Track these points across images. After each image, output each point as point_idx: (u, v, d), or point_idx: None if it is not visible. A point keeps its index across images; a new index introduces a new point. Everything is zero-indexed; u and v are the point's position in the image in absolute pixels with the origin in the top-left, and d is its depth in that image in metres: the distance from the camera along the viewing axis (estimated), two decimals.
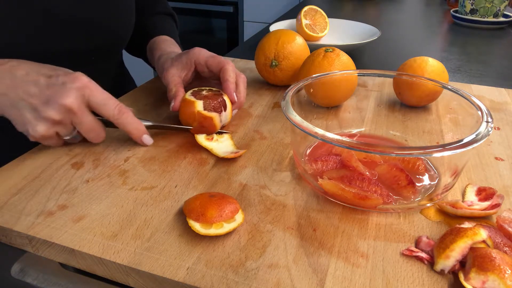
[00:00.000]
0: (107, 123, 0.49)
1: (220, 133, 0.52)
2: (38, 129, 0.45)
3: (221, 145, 0.49)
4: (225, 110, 0.52)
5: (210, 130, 0.51)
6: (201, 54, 0.58)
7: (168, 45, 0.69)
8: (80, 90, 0.45)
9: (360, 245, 0.36)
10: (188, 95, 0.53)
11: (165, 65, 0.60)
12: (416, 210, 0.40)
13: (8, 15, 0.52)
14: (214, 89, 0.55)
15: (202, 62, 0.58)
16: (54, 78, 0.45)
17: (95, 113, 0.47)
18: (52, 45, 0.57)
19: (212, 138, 0.47)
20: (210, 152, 0.49)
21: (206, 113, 0.50)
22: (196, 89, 0.55)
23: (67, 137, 0.48)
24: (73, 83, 0.44)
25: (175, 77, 0.57)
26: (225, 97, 0.53)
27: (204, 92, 0.53)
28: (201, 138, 0.46)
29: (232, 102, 0.54)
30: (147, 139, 0.50)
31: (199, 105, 0.51)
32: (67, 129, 0.47)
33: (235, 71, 0.57)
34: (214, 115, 0.51)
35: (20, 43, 0.54)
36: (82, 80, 0.45)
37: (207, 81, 0.62)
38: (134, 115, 0.49)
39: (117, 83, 0.78)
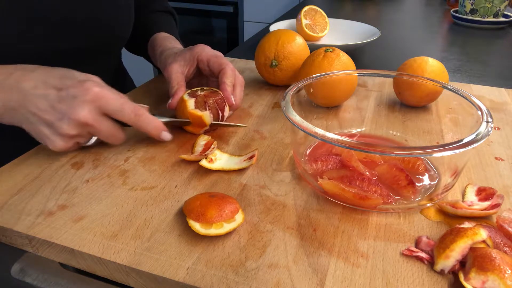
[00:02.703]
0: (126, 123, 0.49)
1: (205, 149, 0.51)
2: (57, 145, 0.45)
3: (223, 161, 0.48)
4: (221, 110, 0.53)
5: (202, 127, 0.53)
6: (205, 52, 0.58)
7: (169, 41, 0.69)
8: (93, 103, 0.44)
9: (360, 245, 0.36)
10: (185, 95, 0.53)
11: (168, 60, 0.60)
12: (416, 210, 0.40)
13: (7, 15, 0.52)
14: (213, 88, 0.55)
15: (205, 60, 0.58)
16: (64, 92, 0.44)
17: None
18: (52, 44, 0.57)
19: (211, 160, 0.47)
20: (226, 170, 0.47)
21: (196, 111, 0.51)
22: (194, 89, 0.55)
23: (87, 144, 0.49)
24: (84, 95, 0.43)
25: (178, 74, 0.57)
26: (221, 97, 0.54)
27: (200, 92, 0.54)
28: (206, 163, 0.45)
29: (229, 105, 0.55)
30: (165, 135, 0.50)
31: (190, 104, 0.52)
32: (85, 138, 0.47)
33: (234, 73, 0.57)
34: (203, 113, 0.51)
35: (20, 43, 0.54)
36: (93, 91, 0.44)
37: (206, 78, 0.62)
38: (150, 113, 0.49)
39: (117, 83, 0.78)
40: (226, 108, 0.54)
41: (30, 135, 0.46)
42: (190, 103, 0.52)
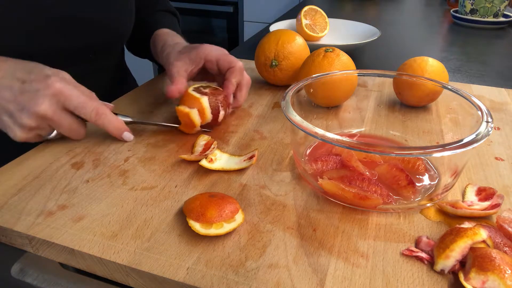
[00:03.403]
0: None
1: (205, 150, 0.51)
2: (17, 134, 0.46)
3: (223, 161, 0.48)
4: (223, 108, 0.53)
5: (191, 125, 0.52)
6: (213, 51, 0.58)
7: (171, 36, 0.68)
8: (54, 97, 0.45)
9: (360, 245, 0.36)
10: (191, 90, 0.53)
11: (171, 57, 0.59)
12: (416, 210, 0.40)
13: (6, 14, 0.52)
14: (213, 85, 0.55)
15: (214, 60, 0.57)
16: (27, 84, 0.45)
17: None
18: (51, 43, 0.57)
19: (212, 160, 0.46)
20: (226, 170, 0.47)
21: (183, 109, 0.51)
22: (197, 85, 0.55)
23: (48, 137, 0.49)
24: (46, 89, 0.45)
25: (181, 72, 0.56)
26: (223, 96, 0.54)
27: (207, 90, 0.53)
28: (206, 163, 0.45)
29: (228, 104, 0.54)
30: (127, 136, 0.51)
31: (204, 101, 0.51)
32: (46, 131, 0.48)
33: (242, 72, 0.57)
34: (190, 110, 0.51)
35: (19, 41, 0.54)
36: (55, 86, 0.45)
37: (212, 77, 0.61)
38: (113, 113, 0.49)
39: (118, 82, 0.78)
40: (222, 112, 0.54)
41: None
42: (204, 100, 0.51)
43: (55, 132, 0.49)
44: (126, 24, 0.68)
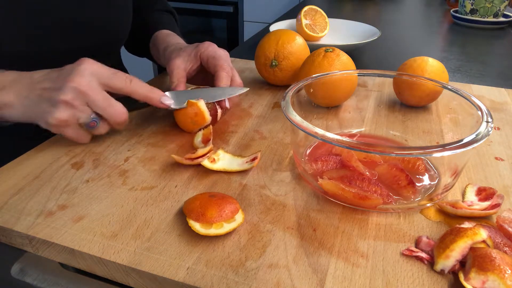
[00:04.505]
0: (129, 105, 0.49)
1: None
2: (55, 115, 0.45)
3: (226, 161, 0.48)
4: (219, 106, 0.54)
5: (199, 120, 0.52)
6: (207, 50, 0.58)
7: (172, 37, 0.69)
8: (86, 70, 0.46)
9: (360, 245, 0.36)
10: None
11: (172, 55, 0.60)
12: (416, 210, 0.40)
13: (6, 15, 0.52)
14: (202, 87, 0.56)
15: (205, 59, 0.58)
16: (64, 70, 0.47)
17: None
18: (50, 45, 0.57)
19: (214, 160, 0.46)
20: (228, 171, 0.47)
21: (194, 100, 0.51)
22: (193, 89, 0.55)
23: (87, 122, 0.47)
24: (79, 65, 0.46)
25: (180, 69, 0.57)
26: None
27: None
28: (208, 164, 0.45)
29: (221, 107, 0.55)
30: (167, 100, 0.50)
31: (201, 103, 0.52)
32: (84, 113, 0.46)
33: (229, 76, 0.57)
34: (199, 101, 0.52)
35: (19, 44, 0.54)
36: (87, 61, 0.47)
37: (212, 75, 0.61)
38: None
39: None
40: (219, 110, 0.54)
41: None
42: (201, 103, 0.52)
43: (92, 115, 0.47)
44: (125, 25, 0.68)
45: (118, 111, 0.47)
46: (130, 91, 0.48)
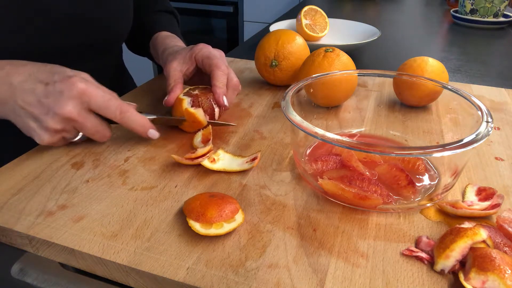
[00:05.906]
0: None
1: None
2: (43, 139, 0.45)
3: (226, 161, 0.48)
4: (216, 105, 0.54)
5: (198, 125, 0.52)
6: (202, 51, 0.58)
7: (171, 39, 0.69)
8: (78, 98, 0.44)
9: (360, 245, 0.36)
10: (181, 94, 0.53)
11: (169, 58, 0.60)
12: (416, 210, 0.40)
13: (6, 11, 0.52)
14: (208, 87, 0.56)
15: (200, 60, 0.58)
16: (51, 86, 0.44)
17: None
18: (49, 42, 0.57)
19: (214, 160, 0.47)
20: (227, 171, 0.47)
21: (191, 110, 0.51)
22: (190, 88, 0.55)
23: (74, 140, 0.49)
24: (70, 90, 0.44)
25: (176, 71, 0.57)
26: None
27: (195, 91, 0.54)
28: (208, 164, 0.45)
29: (219, 106, 0.54)
30: (153, 133, 0.50)
31: (186, 102, 0.52)
32: (71, 134, 0.48)
33: (226, 75, 0.56)
34: (197, 111, 0.51)
35: (19, 41, 0.54)
36: (79, 86, 0.44)
37: (208, 76, 0.61)
38: (137, 111, 0.49)
39: (117, 82, 0.78)
40: (216, 109, 0.54)
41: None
42: (186, 101, 0.52)
43: (80, 134, 0.49)
44: (125, 23, 0.68)
45: (104, 135, 0.48)
46: (119, 123, 0.48)
